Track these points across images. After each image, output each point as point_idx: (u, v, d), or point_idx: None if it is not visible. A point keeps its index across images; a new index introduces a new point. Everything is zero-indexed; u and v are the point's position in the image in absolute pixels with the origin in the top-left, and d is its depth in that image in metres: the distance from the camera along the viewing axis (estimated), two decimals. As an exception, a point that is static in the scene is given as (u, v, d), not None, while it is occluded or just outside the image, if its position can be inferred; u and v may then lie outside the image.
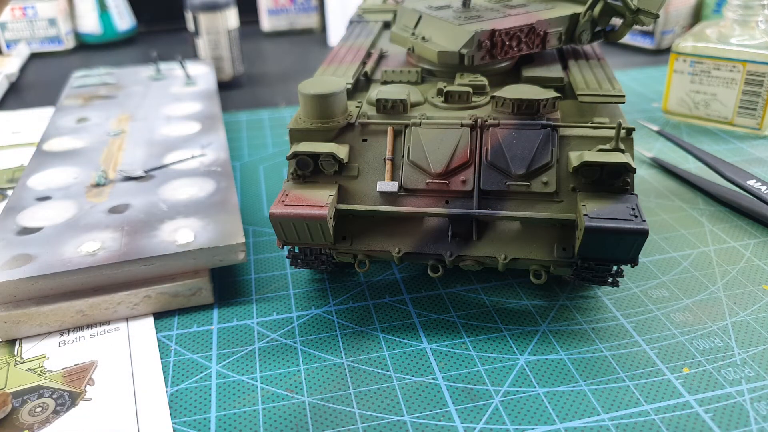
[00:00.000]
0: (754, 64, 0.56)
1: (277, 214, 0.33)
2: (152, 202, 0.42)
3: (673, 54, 0.60)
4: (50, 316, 0.36)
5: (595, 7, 0.40)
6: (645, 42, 0.84)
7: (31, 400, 0.32)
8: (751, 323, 0.36)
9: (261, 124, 0.65)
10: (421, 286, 0.40)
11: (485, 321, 0.36)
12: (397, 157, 0.35)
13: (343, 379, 0.33)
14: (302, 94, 0.35)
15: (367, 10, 0.56)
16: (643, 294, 0.38)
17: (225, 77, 0.75)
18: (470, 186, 0.34)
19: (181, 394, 0.32)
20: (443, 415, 0.30)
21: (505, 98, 0.35)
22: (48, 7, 0.88)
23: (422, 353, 0.34)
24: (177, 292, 0.37)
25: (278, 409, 0.31)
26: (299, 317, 0.37)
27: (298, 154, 0.34)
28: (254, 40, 0.96)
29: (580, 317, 0.37)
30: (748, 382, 0.32)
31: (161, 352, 0.35)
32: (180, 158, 0.48)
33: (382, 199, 0.34)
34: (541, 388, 0.32)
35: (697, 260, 0.41)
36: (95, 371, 0.33)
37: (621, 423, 0.30)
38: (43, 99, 0.73)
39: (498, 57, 0.39)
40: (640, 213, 0.31)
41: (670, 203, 0.48)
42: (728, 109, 0.59)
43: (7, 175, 0.54)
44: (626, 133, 0.34)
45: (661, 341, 0.35)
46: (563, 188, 0.33)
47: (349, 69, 0.42)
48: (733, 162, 0.52)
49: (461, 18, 0.39)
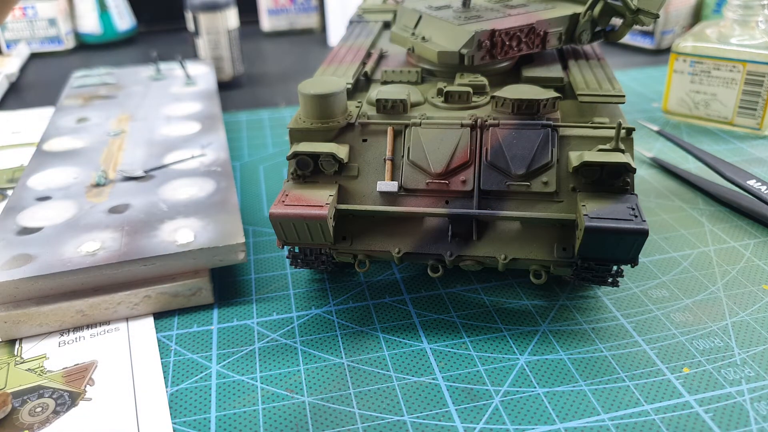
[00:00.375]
0: (754, 64, 0.56)
1: (277, 214, 0.33)
2: (152, 202, 0.42)
3: (673, 54, 0.60)
4: (50, 316, 0.36)
5: (595, 7, 0.40)
6: (645, 42, 0.84)
7: (31, 400, 0.32)
8: (751, 323, 0.36)
9: (261, 124, 0.65)
10: (421, 286, 0.40)
11: (485, 321, 0.36)
12: (397, 157, 0.35)
13: (343, 379, 0.33)
14: (302, 94, 0.35)
15: (367, 10, 0.56)
16: (643, 294, 0.38)
17: (225, 77, 0.75)
18: (470, 186, 0.34)
19: (181, 394, 0.32)
20: (443, 415, 0.30)
21: (505, 98, 0.35)
22: (48, 7, 0.88)
23: (422, 353, 0.34)
24: (177, 292, 0.37)
25: (278, 409, 0.31)
26: (299, 317, 0.37)
27: (298, 154, 0.34)
28: (254, 40, 0.96)
29: (580, 317, 0.37)
30: (748, 382, 0.32)
31: (161, 352, 0.35)
32: (180, 158, 0.48)
33: (382, 199, 0.34)
34: (541, 388, 0.32)
35: (697, 260, 0.41)
36: (95, 371, 0.33)
37: (621, 423, 0.30)
38: (43, 99, 0.73)
39: (498, 57, 0.39)
40: (640, 213, 0.31)
41: (670, 203, 0.48)
42: (728, 109, 0.59)
43: (7, 175, 0.54)
44: (626, 133, 0.34)
45: (661, 341, 0.35)
46: (563, 188, 0.33)
47: (349, 69, 0.42)
48: (733, 162, 0.52)
49: (461, 18, 0.39)
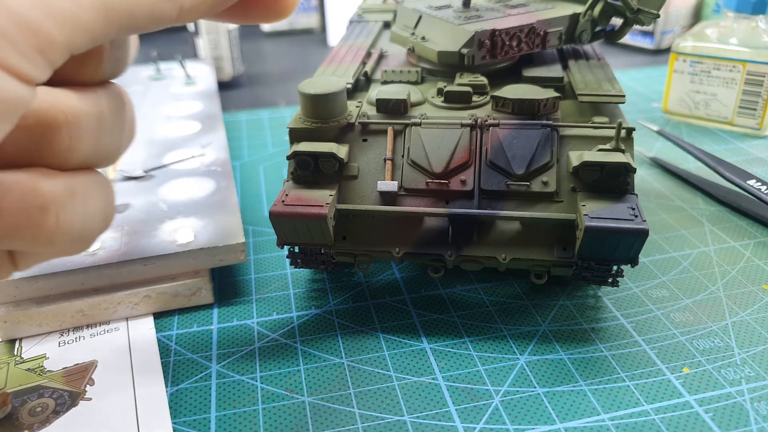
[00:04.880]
0: (754, 64, 0.56)
1: (277, 213, 0.33)
2: (152, 202, 0.42)
3: (673, 54, 0.60)
4: (50, 316, 0.36)
5: (596, 7, 0.40)
6: (645, 42, 0.84)
7: (31, 400, 0.32)
8: (751, 323, 0.36)
9: (261, 124, 0.65)
10: (421, 286, 0.40)
11: (485, 321, 0.36)
12: (397, 157, 0.35)
13: (343, 379, 0.33)
14: (302, 93, 0.35)
15: (367, 10, 0.56)
16: (643, 294, 0.38)
17: (225, 77, 0.75)
18: (470, 186, 0.33)
19: (181, 394, 0.32)
20: (443, 415, 0.30)
21: (505, 98, 0.35)
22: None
23: (422, 353, 0.34)
24: (177, 292, 0.37)
25: (278, 409, 0.31)
26: (299, 317, 0.37)
27: (298, 154, 0.34)
28: (254, 40, 0.96)
29: (580, 317, 0.37)
30: (748, 382, 0.32)
31: (161, 352, 0.35)
32: (180, 158, 0.48)
33: (382, 199, 0.34)
34: (541, 388, 0.32)
35: (697, 260, 0.41)
36: (95, 371, 0.33)
37: (621, 423, 0.30)
38: (43, 99, 0.73)
39: (498, 57, 0.39)
40: (640, 213, 0.31)
41: (670, 203, 0.48)
42: (728, 109, 0.59)
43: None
44: (626, 133, 0.34)
45: (661, 341, 0.35)
46: (563, 188, 0.33)
47: (349, 69, 0.42)
48: (733, 162, 0.52)
49: (461, 18, 0.39)
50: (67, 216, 0.19)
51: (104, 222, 0.21)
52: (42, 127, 0.18)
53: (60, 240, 0.19)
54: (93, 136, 0.19)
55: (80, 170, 0.20)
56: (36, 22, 0.16)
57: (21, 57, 0.16)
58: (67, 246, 0.20)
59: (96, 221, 0.20)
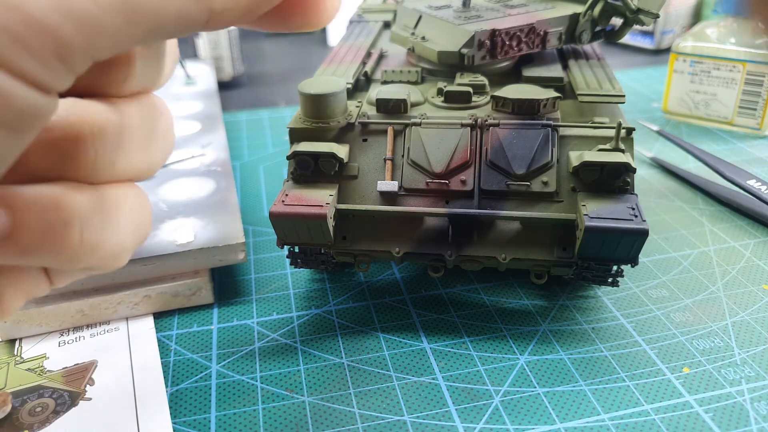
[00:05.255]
0: (754, 64, 0.56)
1: (277, 213, 0.33)
2: (152, 202, 0.42)
3: (673, 54, 0.60)
4: (50, 316, 0.36)
5: (595, 7, 0.40)
6: (645, 42, 0.84)
7: (31, 399, 0.32)
8: (751, 323, 0.36)
9: (261, 124, 0.65)
10: (421, 286, 0.40)
11: (485, 321, 0.36)
12: (397, 156, 0.35)
13: (343, 379, 0.33)
14: (302, 93, 0.35)
15: (367, 9, 0.56)
16: (643, 294, 0.38)
17: (225, 77, 0.75)
18: (470, 186, 0.33)
19: (181, 394, 0.32)
20: (443, 415, 0.30)
21: (505, 98, 0.35)
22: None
23: (422, 353, 0.34)
24: (177, 292, 0.37)
25: (278, 409, 0.31)
26: (299, 317, 0.37)
27: (298, 153, 0.34)
28: (254, 40, 0.96)
29: (580, 317, 0.37)
30: (748, 382, 0.32)
31: (161, 352, 0.35)
32: (180, 158, 0.48)
33: (382, 199, 0.34)
34: (541, 388, 0.32)
35: (697, 260, 0.41)
36: (95, 371, 0.33)
37: (621, 423, 0.30)
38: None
39: (498, 57, 0.39)
40: (640, 213, 0.31)
41: (670, 203, 0.48)
42: (728, 109, 0.59)
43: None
44: (626, 133, 0.34)
45: (661, 341, 0.35)
46: (563, 188, 0.33)
47: (349, 69, 0.42)
48: (733, 162, 0.52)
49: (461, 18, 0.39)
50: (94, 231, 0.18)
51: (138, 237, 0.20)
52: (67, 140, 0.17)
53: (85, 256, 0.18)
54: (122, 150, 0.18)
55: (112, 183, 0.19)
56: (53, 25, 0.14)
57: (37, 63, 0.14)
58: (95, 261, 0.19)
59: (128, 236, 0.19)
